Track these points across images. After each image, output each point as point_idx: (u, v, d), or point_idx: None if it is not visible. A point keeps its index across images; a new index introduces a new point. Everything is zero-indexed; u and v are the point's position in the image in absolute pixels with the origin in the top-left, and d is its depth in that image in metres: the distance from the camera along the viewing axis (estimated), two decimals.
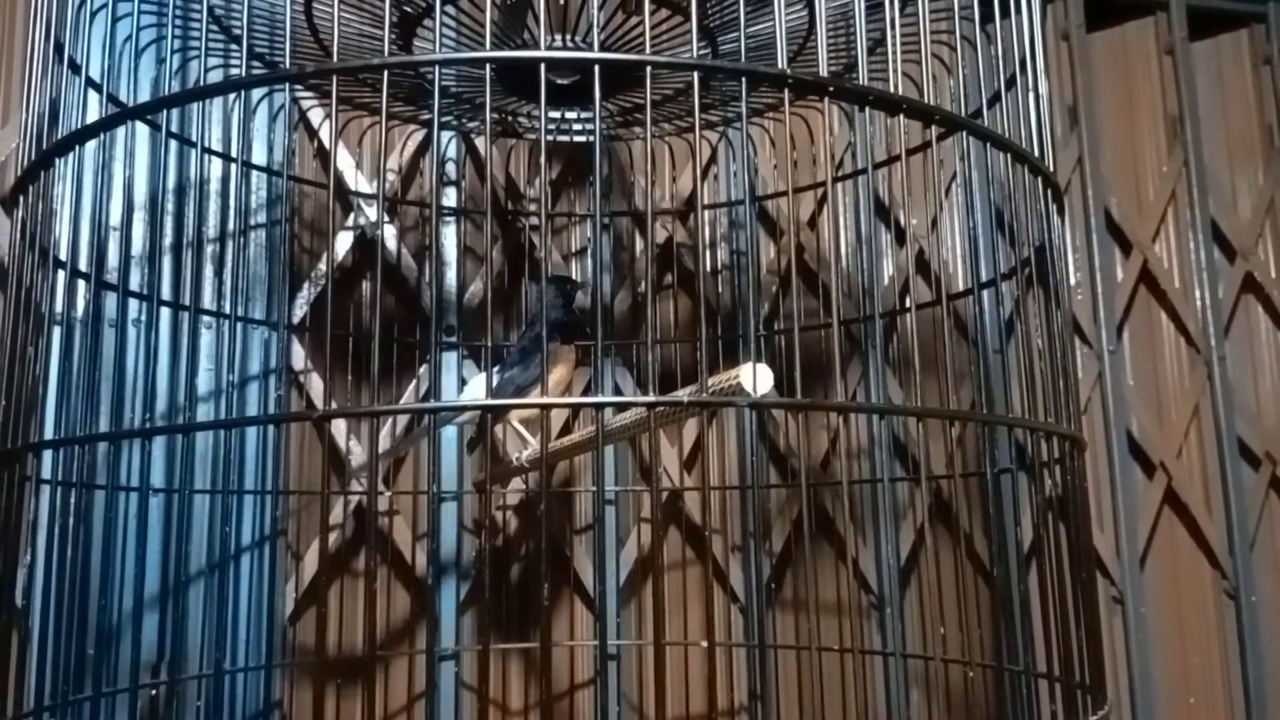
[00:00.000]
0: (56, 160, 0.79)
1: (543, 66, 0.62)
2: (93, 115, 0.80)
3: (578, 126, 1.26)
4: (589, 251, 1.38)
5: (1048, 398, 0.81)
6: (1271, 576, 1.49)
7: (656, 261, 1.37)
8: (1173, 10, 1.57)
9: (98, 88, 0.80)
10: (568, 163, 1.39)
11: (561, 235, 1.39)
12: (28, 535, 0.95)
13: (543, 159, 0.61)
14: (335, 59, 0.65)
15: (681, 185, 1.40)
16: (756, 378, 0.63)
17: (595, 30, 0.65)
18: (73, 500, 0.80)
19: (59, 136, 0.80)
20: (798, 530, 1.34)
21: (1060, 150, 1.48)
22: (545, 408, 0.60)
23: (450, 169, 1.36)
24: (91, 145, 0.78)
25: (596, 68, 0.62)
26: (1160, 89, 1.58)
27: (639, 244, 1.40)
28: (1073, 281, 1.49)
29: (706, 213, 1.39)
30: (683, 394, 0.66)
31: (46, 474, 0.81)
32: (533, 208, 1.37)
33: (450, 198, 1.35)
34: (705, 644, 1.26)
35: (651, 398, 0.62)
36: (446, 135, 1.34)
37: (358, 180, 1.31)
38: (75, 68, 0.81)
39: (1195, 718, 1.44)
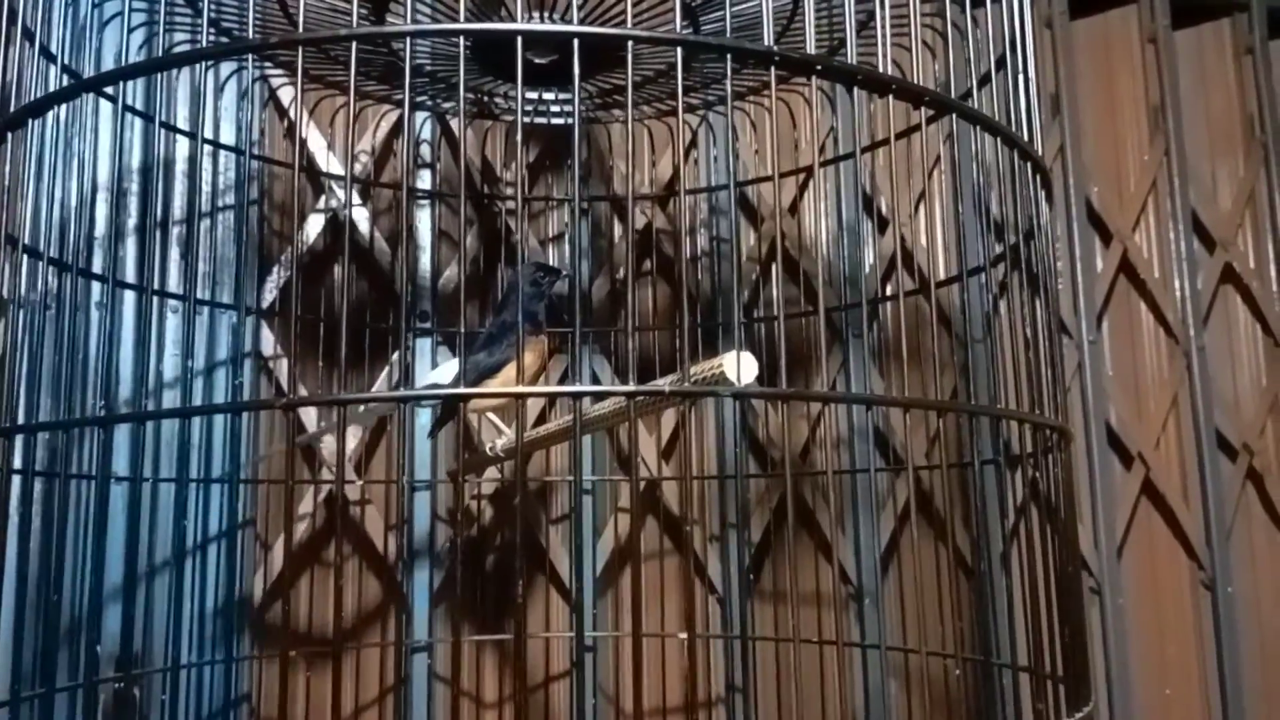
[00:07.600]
0: (8, 135, 0.75)
1: (520, 39, 0.59)
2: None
3: (555, 109, 1.23)
4: (567, 236, 1.35)
5: (1034, 388, 0.79)
6: (1248, 568, 1.49)
7: (635, 248, 1.35)
8: None
9: (52, 58, 0.76)
10: (545, 146, 1.36)
11: (539, 220, 1.36)
12: None
13: (518, 137, 0.59)
14: (301, 29, 0.62)
15: (661, 170, 1.37)
16: (740, 366, 0.61)
17: (574, 5, 0.62)
18: (35, 489, 0.77)
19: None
20: (776, 520, 1.33)
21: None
22: (519, 397, 0.57)
23: (424, 151, 1.32)
24: (50, 120, 0.75)
25: (576, 42, 0.60)
26: (1142, 78, 1.57)
27: (617, 230, 1.37)
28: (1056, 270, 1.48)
29: (687, 198, 1.37)
30: (664, 383, 0.64)
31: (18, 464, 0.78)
32: (509, 191, 1.34)
33: (425, 180, 1.32)
34: (683, 636, 1.26)
35: (631, 387, 0.60)
36: (421, 116, 1.31)
37: (329, 162, 1.28)
38: (29, 36, 0.78)
39: (1172, 709, 1.43)
